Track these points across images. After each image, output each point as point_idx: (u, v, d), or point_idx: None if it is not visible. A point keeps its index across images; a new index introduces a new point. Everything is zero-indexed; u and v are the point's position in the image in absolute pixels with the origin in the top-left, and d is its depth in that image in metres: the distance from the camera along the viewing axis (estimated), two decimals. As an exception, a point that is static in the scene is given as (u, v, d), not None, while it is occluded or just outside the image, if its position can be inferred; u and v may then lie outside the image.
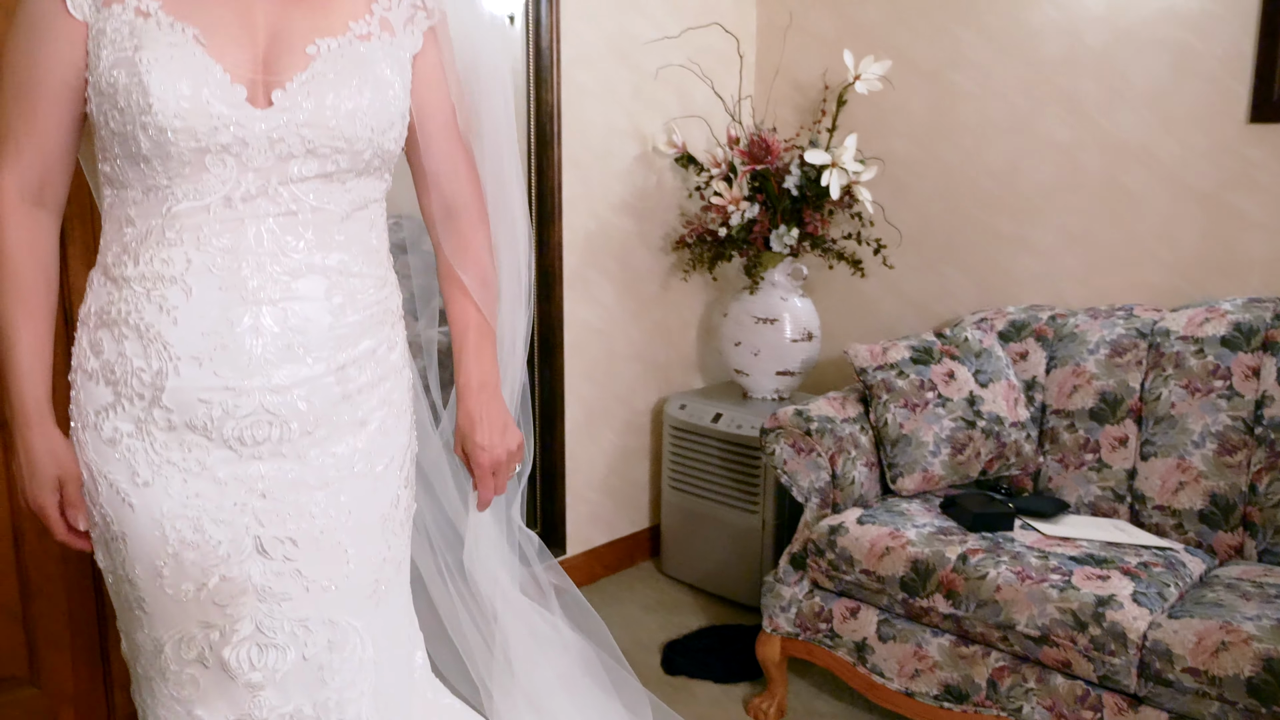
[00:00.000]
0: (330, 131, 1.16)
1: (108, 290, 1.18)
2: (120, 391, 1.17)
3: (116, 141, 1.14)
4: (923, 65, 2.90)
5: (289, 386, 1.18)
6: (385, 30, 1.24)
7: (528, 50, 2.67)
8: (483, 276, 1.36)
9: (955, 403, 2.39)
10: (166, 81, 1.09)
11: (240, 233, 1.15)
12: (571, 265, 2.85)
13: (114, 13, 1.12)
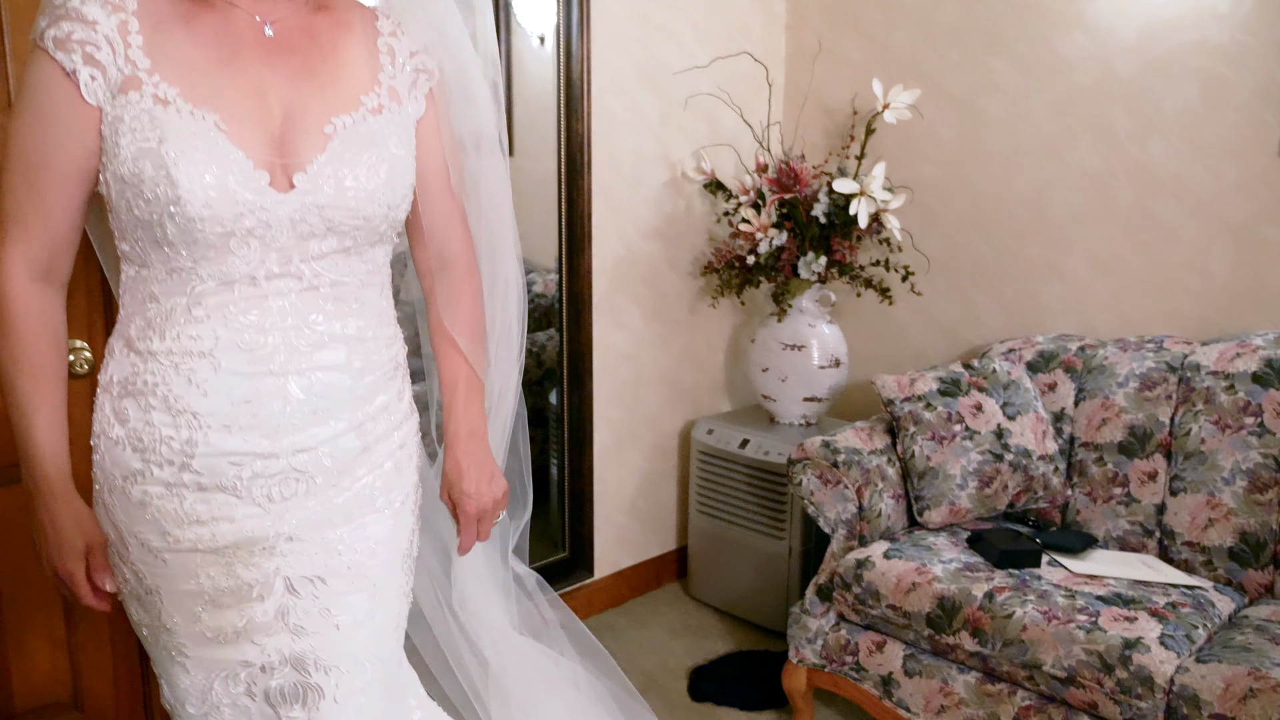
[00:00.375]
0: (350, 211, 1.19)
1: (132, 362, 1.19)
2: (149, 459, 1.19)
3: (140, 227, 1.14)
4: (952, 91, 2.90)
5: (315, 446, 1.22)
6: (393, 99, 1.26)
7: (558, 80, 2.71)
8: (473, 332, 1.40)
9: (983, 435, 2.39)
10: (193, 174, 1.10)
11: (265, 309, 1.17)
12: (601, 291, 2.88)
13: (131, 100, 1.12)
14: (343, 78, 1.23)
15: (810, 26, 3.20)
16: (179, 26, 1.15)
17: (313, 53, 1.22)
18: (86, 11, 1.11)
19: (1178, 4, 2.49)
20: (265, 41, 1.19)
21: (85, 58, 1.11)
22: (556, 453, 3.03)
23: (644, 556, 3.17)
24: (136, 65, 1.12)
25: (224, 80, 1.15)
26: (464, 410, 1.39)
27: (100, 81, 1.12)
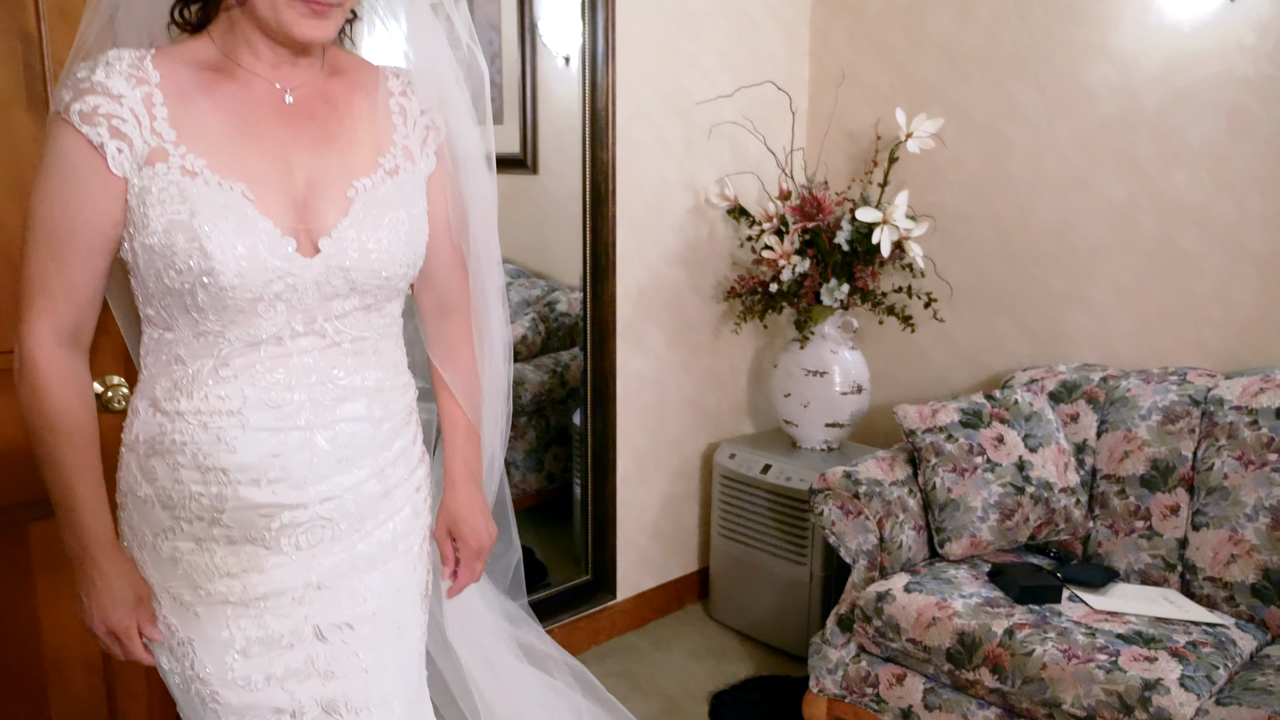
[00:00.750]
0: (372, 272, 1.22)
1: (158, 421, 1.21)
2: (178, 515, 1.22)
3: (169, 294, 1.16)
4: (976, 119, 2.91)
5: (340, 494, 1.25)
6: (408, 159, 1.30)
7: (583, 110, 2.74)
8: (469, 386, 1.45)
9: (1004, 468, 2.40)
10: (226, 245, 1.12)
11: (290, 367, 1.20)
12: (624, 317, 2.91)
13: (159, 172, 1.13)
14: (360, 140, 1.26)
15: (835, 52, 3.21)
16: (202, 97, 1.17)
17: (330, 118, 1.25)
18: (112, 85, 1.12)
19: (1203, 36, 2.49)
20: (285, 109, 1.22)
21: (112, 131, 1.12)
22: (580, 473, 3.07)
23: (666, 578, 3.20)
24: (163, 137, 1.14)
25: (248, 149, 1.18)
26: (463, 456, 1.45)
27: (127, 154, 1.13)
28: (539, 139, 3.59)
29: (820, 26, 3.24)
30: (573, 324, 3.59)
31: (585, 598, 2.97)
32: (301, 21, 1.14)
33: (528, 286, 3.81)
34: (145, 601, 1.26)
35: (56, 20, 1.80)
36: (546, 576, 3.19)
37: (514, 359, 3.68)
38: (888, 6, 3.06)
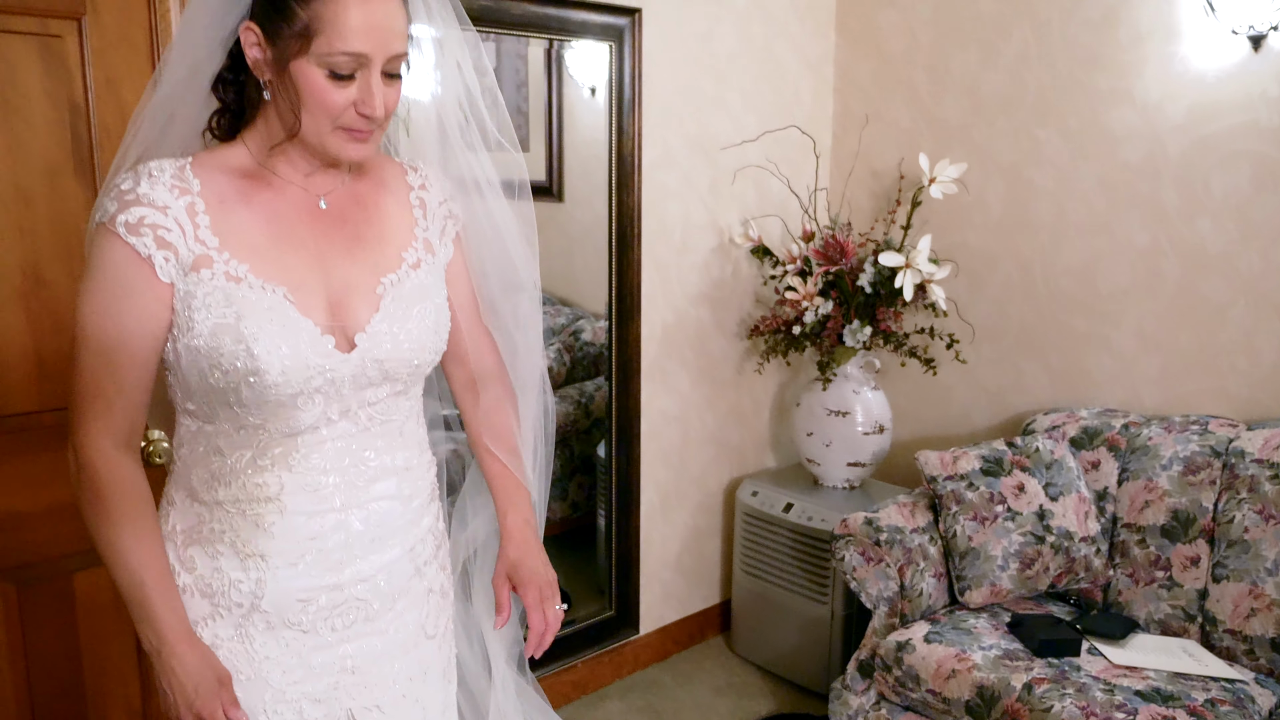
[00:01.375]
0: (404, 360, 1.28)
1: (196, 511, 1.25)
2: (218, 603, 1.25)
3: (212, 392, 1.19)
4: (1000, 161, 2.93)
5: (373, 574, 1.30)
6: (428, 251, 1.35)
7: (610, 156, 2.78)
8: (510, 445, 1.48)
9: (1025, 516, 2.42)
10: (271, 346, 1.16)
11: (324, 452, 1.25)
12: (649, 357, 2.95)
13: (204, 277, 1.17)
14: (387, 238, 1.31)
15: (859, 91, 3.24)
16: (241, 205, 1.21)
17: (360, 220, 1.30)
18: (156, 197, 1.16)
19: (1227, 86, 2.50)
20: (319, 214, 1.27)
21: (158, 241, 1.15)
22: (604, 505, 3.11)
23: (688, 611, 3.23)
24: (206, 244, 1.18)
25: (288, 254, 1.22)
26: (514, 506, 1.48)
27: (173, 262, 1.16)
28: (565, 167, 3.63)
29: (844, 65, 3.27)
30: (598, 353, 3.64)
31: (609, 632, 3.01)
32: (346, 146, 1.20)
33: (553, 314, 3.86)
34: (227, 684, 1.24)
35: (104, 91, 1.87)
36: (570, 606, 3.23)
37: (539, 390, 3.68)
38: (911, 47, 3.08)
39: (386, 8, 1.16)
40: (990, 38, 2.90)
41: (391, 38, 1.17)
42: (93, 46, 1.85)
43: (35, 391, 1.89)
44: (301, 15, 1.12)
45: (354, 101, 1.17)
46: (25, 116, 1.80)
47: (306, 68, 1.15)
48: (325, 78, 1.15)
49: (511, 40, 3.48)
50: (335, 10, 1.12)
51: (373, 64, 1.16)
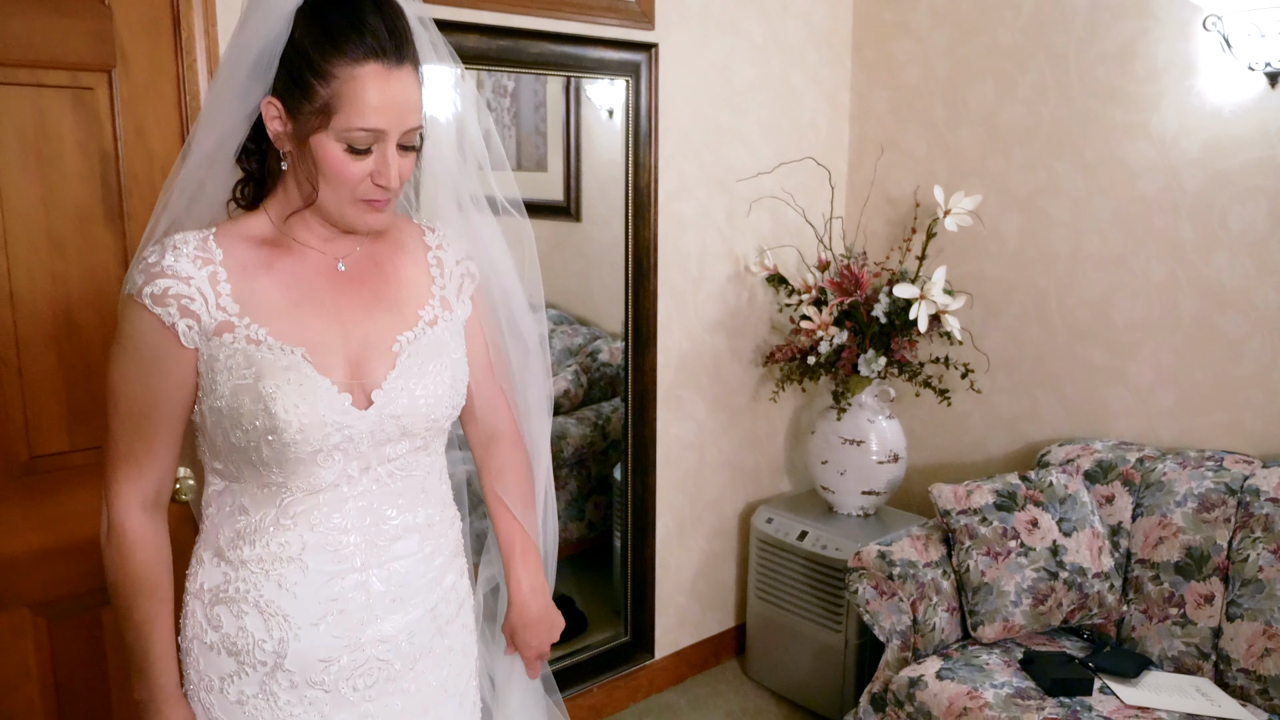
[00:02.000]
0: (421, 416, 1.31)
1: (222, 570, 1.29)
2: (243, 661, 1.29)
3: (235, 451, 1.24)
4: (1016, 192, 2.94)
5: (395, 634, 1.33)
6: (445, 308, 1.39)
7: (626, 189, 2.81)
8: (523, 498, 1.53)
9: (1038, 552, 2.43)
10: (288, 405, 1.20)
11: (345, 511, 1.28)
12: (665, 385, 2.98)
13: (225, 341, 1.22)
14: (404, 297, 1.35)
15: (875, 119, 3.25)
16: (262, 273, 1.26)
17: (378, 280, 1.34)
18: (180, 268, 1.21)
19: (1244, 121, 2.50)
20: (338, 276, 1.31)
21: (181, 310, 1.21)
22: (620, 527, 3.14)
23: (703, 635, 3.26)
24: (227, 311, 1.23)
25: (307, 317, 1.27)
26: (522, 567, 1.53)
27: (196, 329, 1.22)
28: (582, 187, 3.67)
29: (861, 93, 3.29)
30: (614, 374, 3.66)
31: (625, 657, 3.05)
32: (364, 215, 1.25)
33: (570, 334, 3.89)
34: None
35: (133, 140, 1.92)
36: (586, 627, 3.27)
37: (555, 412, 3.73)
38: (928, 78, 3.09)
39: (403, 85, 1.20)
40: (1007, 69, 2.91)
41: (407, 113, 1.21)
42: (122, 97, 1.90)
43: (66, 432, 1.94)
44: (322, 93, 1.17)
45: (370, 173, 1.21)
46: (58, 167, 1.85)
47: (326, 142, 1.19)
48: (343, 151, 1.19)
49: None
50: (354, 89, 1.17)
51: (389, 138, 1.20)
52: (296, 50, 1.18)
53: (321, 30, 1.17)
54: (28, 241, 1.84)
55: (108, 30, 1.87)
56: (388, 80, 1.18)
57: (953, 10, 3.01)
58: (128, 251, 1.93)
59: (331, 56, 1.16)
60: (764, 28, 3.00)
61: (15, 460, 1.90)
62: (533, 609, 1.52)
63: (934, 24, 3.06)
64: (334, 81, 1.17)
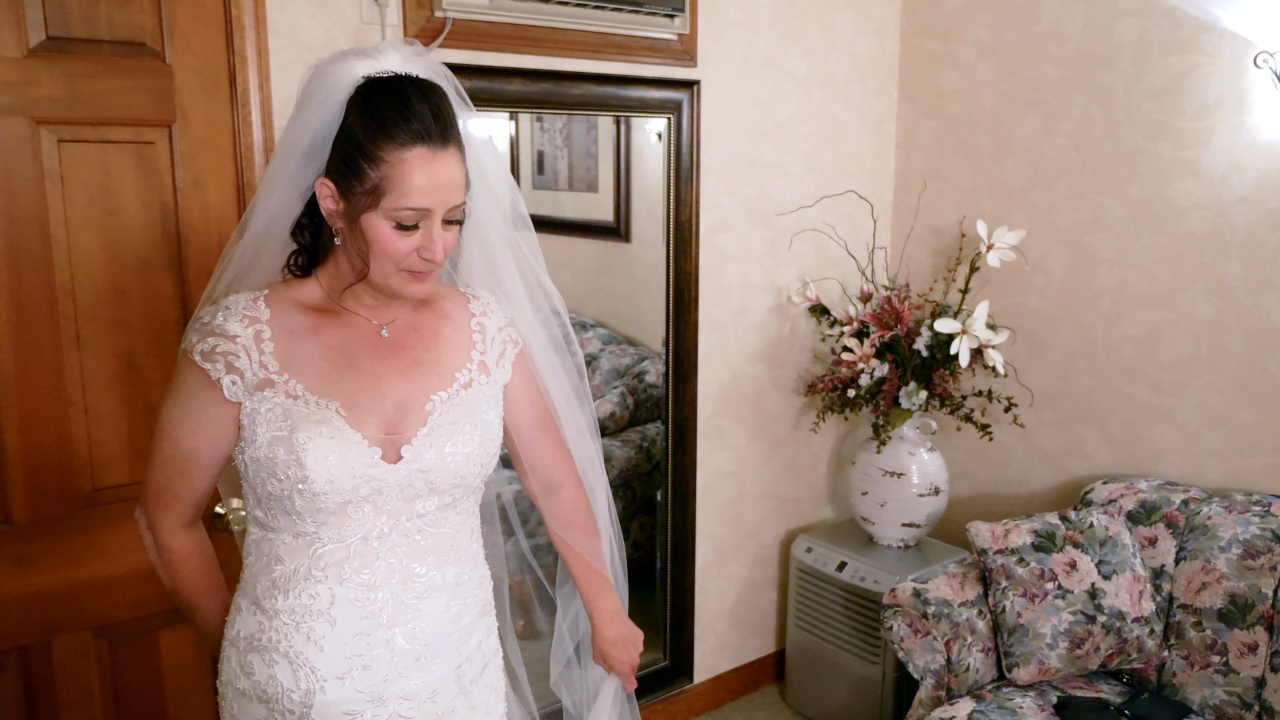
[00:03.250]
0: (449, 474, 1.37)
1: (257, 619, 1.37)
2: (273, 708, 1.36)
3: (272, 499, 1.32)
4: (1061, 226, 2.91)
5: (418, 691, 1.39)
6: (483, 372, 1.45)
7: (667, 224, 2.86)
8: (586, 535, 1.63)
9: (1076, 595, 2.41)
10: (319, 456, 1.27)
11: (375, 567, 1.35)
12: (705, 416, 3.01)
13: (266, 396, 1.30)
14: (443, 361, 1.42)
15: (920, 150, 3.25)
16: (309, 337, 1.35)
17: (418, 346, 1.41)
18: (229, 328, 1.31)
19: (1297, 160, 2.45)
20: (380, 341, 1.39)
21: (227, 366, 1.30)
22: (660, 546, 3.18)
23: (742, 660, 3.29)
24: (269, 369, 1.32)
25: (346, 376, 1.35)
26: (598, 596, 1.65)
27: (240, 384, 1.31)
28: (632, 208, 3.72)
29: (906, 123, 3.28)
30: (661, 396, 3.70)
31: (664, 682, 3.09)
32: (409, 285, 1.32)
33: (618, 355, 3.94)
34: None
35: (190, 191, 2.02)
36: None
37: (602, 434, 3.80)
38: (973, 110, 3.08)
39: (447, 166, 1.27)
40: (1052, 103, 2.88)
41: (451, 192, 1.28)
42: (181, 151, 2.00)
43: (128, 466, 2.05)
44: (372, 175, 1.25)
45: (417, 248, 1.28)
46: (121, 219, 1.96)
47: (375, 220, 1.26)
48: (392, 229, 1.27)
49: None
50: (402, 172, 1.24)
51: (434, 216, 1.28)
52: (348, 135, 1.26)
53: (372, 117, 1.25)
54: (93, 289, 1.95)
55: (168, 88, 1.98)
56: (433, 163, 1.25)
57: (999, 43, 3.00)
58: (185, 298, 2.03)
59: (381, 141, 1.24)
60: (807, 62, 3.02)
61: (80, 492, 2.01)
62: (614, 631, 1.64)
63: (980, 56, 3.05)
64: (383, 165, 1.24)
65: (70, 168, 1.90)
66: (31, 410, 1.93)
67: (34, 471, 1.95)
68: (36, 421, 1.94)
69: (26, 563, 1.97)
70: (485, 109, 2.55)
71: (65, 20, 1.86)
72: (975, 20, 3.05)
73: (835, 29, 3.08)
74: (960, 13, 3.09)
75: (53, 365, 1.93)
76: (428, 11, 2.27)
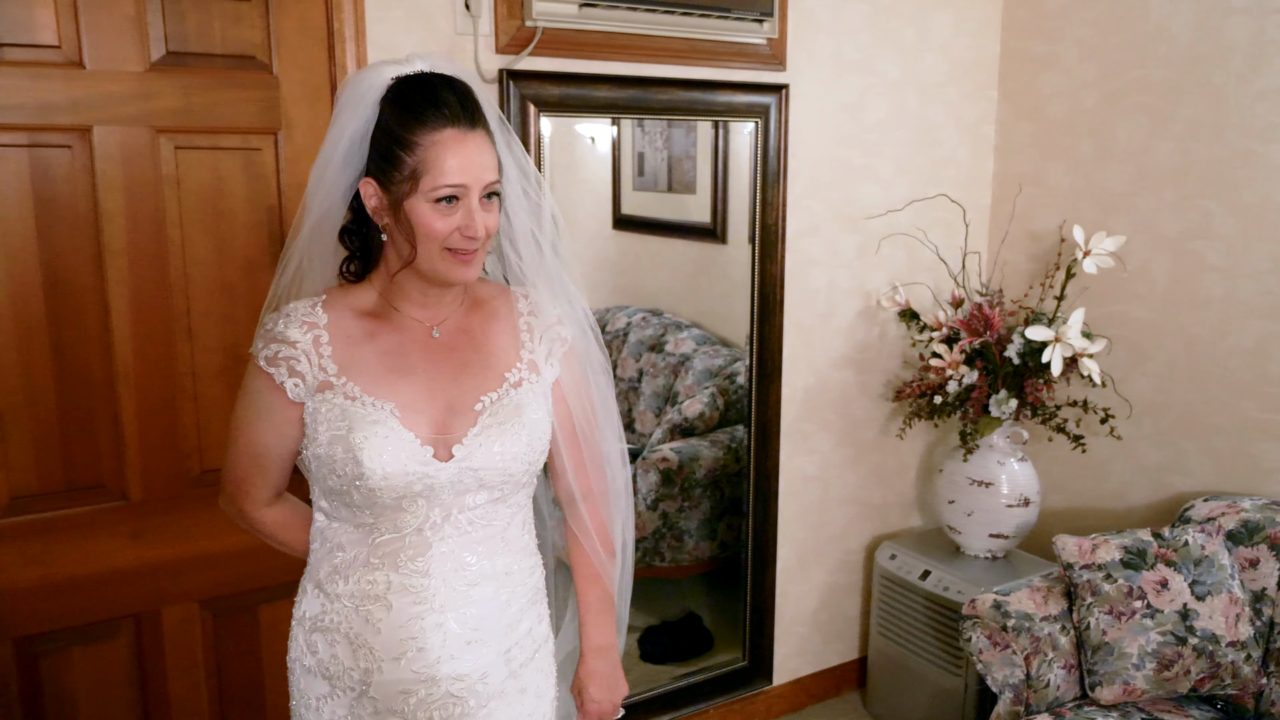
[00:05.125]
0: (497, 470, 1.43)
1: (320, 602, 1.47)
2: (335, 685, 1.45)
3: (334, 493, 1.41)
4: (1166, 233, 2.80)
5: (469, 673, 1.45)
6: (532, 371, 1.50)
7: (752, 228, 2.88)
8: (599, 559, 1.65)
9: (1166, 615, 2.33)
10: (374, 454, 1.35)
11: (429, 555, 1.42)
12: (789, 419, 3.02)
13: (326, 398, 1.39)
14: (491, 362, 1.48)
15: (1018, 153, 3.18)
16: (366, 342, 1.43)
17: (467, 348, 1.48)
18: (290, 334, 1.41)
19: None
20: (431, 343, 1.46)
21: (289, 370, 1.40)
22: (745, 547, 3.20)
23: (824, 665, 3.28)
24: (327, 371, 1.40)
25: (399, 378, 1.42)
26: (595, 626, 1.65)
27: (302, 386, 1.40)
28: (729, 210, 3.74)
29: (1005, 126, 3.21)
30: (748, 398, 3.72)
31: (742, 681, 3.11)
32: (454, 268, 1.39)
33: (711, 355, 3.97)
34: None
35: (294, 195, 2.15)
36: (713, 645, 3.35)
37: (689, 434, 3.83)
38: (1074, 112, 3.00)
39: (478, 146, 1.36)
40: (1159, 105, 2.78)
41: (483, 171, 1.37)
42: (285, 156, 2.14)
43: (231, 451, 2.20)
44: (409, 161, 1.34)
45: (458, 227, 1.36)
46: (230, 220, 2.11)
47: (417, 204, 1.35)
48: (432, 209, 1.35)
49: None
50: (435, 154, 1.33)
51: (470, 193, 1.35)
52: (383, 129, 1.36)
53: (404, 108, 1.35)
54: (204, 286, 2.11)
55: (274, 98, 2.11)
56: (464, 142, 1.34)
57: (1103, 44, 2.91)
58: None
59: (414, 128, 1.34)
60: (900, 65, 2.99)
61: (189, 473, 2.17)
62: (599, 667, 1.64)
63: (1082, 57, 2.96)
64: (418, 149, 1.33)
65: (185, 173, 2.06)
66: (147, 396, 2.09)
67: (148, 453, 2.12)
68: (151, 407, 2.10)
69: (141, 537, 2.14)
70: (572, 115, 2.62)
71: (183, 36, 2.02)
72: (1078, 20, 2.97)
73: (931, 32, 3.04)
74: (1063, 13, 3.01)
75: (166, 355, 2.10)
76: (519, 21, 2.35)
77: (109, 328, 2.04)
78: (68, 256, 1.99)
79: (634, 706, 2.95)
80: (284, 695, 2.33)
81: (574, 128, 3.29)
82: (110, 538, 2.11)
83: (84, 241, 2.00)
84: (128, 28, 1.96)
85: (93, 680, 2.15)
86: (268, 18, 2.09)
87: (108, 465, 2.09)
